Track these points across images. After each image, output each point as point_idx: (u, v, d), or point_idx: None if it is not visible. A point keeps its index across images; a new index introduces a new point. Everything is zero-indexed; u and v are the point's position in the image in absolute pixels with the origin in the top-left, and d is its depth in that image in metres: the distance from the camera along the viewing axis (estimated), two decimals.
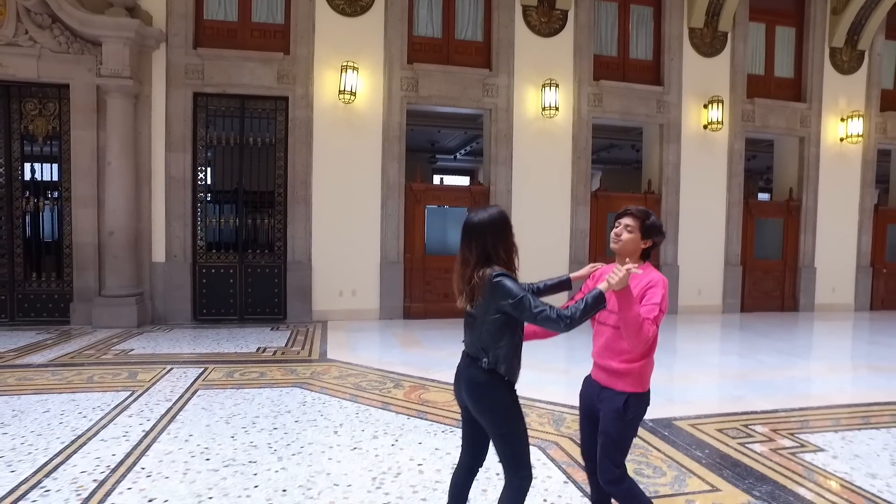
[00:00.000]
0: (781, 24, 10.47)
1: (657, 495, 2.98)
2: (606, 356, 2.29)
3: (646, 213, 2.31)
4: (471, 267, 2.13)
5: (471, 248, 2.14)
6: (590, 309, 2.04)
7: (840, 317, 10.12)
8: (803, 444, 3.80)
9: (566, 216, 9.38)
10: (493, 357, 2.11)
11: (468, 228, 2.18)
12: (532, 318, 2.03)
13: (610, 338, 2.28)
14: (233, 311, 8.16)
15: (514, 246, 2.18)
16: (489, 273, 2.07)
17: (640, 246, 2.30)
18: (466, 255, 2.16)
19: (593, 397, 2.34)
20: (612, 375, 2.27)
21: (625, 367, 2.23)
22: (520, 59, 8.96)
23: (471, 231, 2.16)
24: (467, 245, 2.16)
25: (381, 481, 3.10)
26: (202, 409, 4.23)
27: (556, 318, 1.99)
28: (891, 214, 11.23)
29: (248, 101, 8.07)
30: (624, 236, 2.31)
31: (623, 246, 2.31)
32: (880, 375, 5.97)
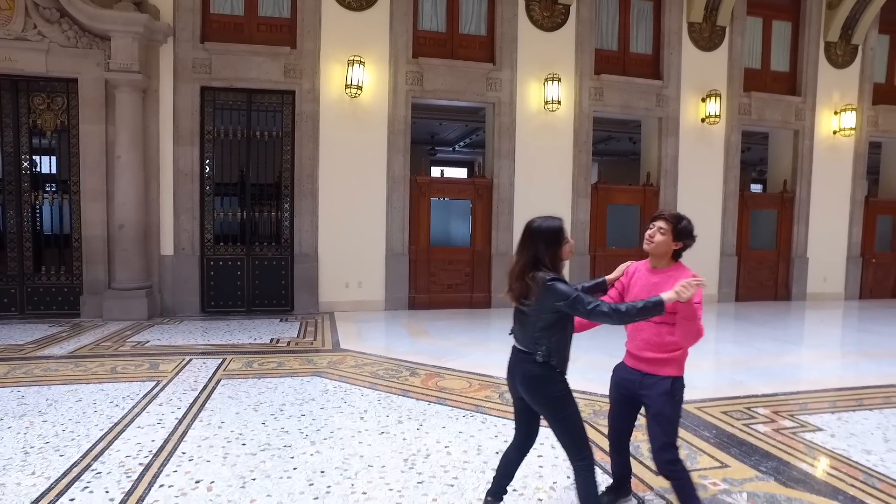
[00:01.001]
0: (778, 18, 10.65)
1: None
2: (648, 349, 2.50)
3: (678, 218, 2.52)
4: (520, 267, 2.36)
5: (525, 250, 2.38)
6: (646, 312, 2.24)
7: (831, 306, 10.41)
8: (803, 425, 4.03)
9: (567, 208, 9.55)
10: (546, 350, 2.33)
11: (528, 232, 2.42)
12: (586, 314, 2.25)
13: (654, 333, 2.49)
14: (240, 303, 8.29)
15: (561, 257, 2.39)
16: (542, 276, 2.29)
17: (672, 247, 2.52)
18: (521, 256, 2.39)
19: (634, 384, 2.54)
20: (656, 364, 2.48)
21: (668, 356, 2.46)
22: (523, 53, 9.09)
23: (529, 235, 2.40)
24: (524, 247, 2.40)
25: (412, 462, 3.29)
26: (228, 398, 4.39)
27: (608, 311, 2.22)
28: (880, 206, 11.51)
29: (255, 96, 8.16)
30: (657, 238, 2.51)
31: (656, 247, 2.52)
32: (871, 361, 6.23)
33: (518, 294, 2.35)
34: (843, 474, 3.24)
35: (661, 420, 2.47)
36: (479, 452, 3.45)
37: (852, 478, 3.20)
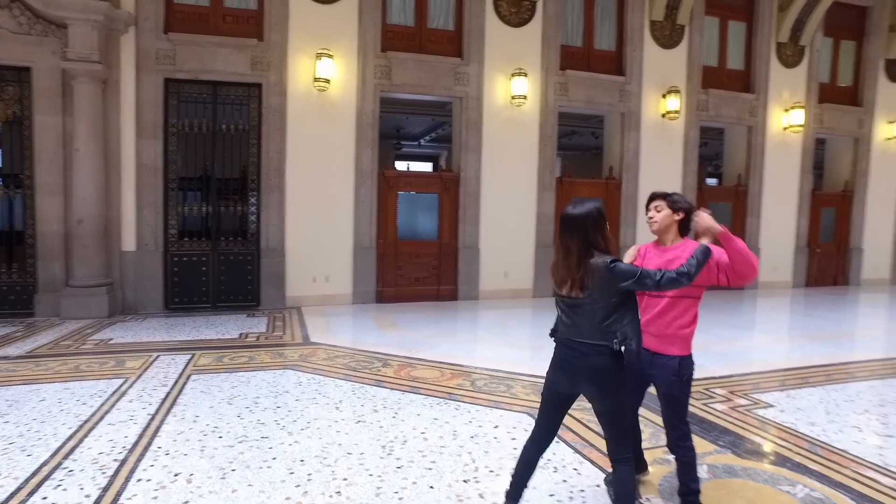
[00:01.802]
0: (734, 18, 11.06)
1: None
2: (656, 327, 2.61)
3: (667, 193, 2.70)
4: (575, 256, 2.28)
5: (573, 239, 2.29)
6: (702, 262, 2.34)
7: (780, 293, 10.94)
8: (756, 402, 4.29)
9: (532, 201, 9.74)
10: (621, 335, 2.24)
11: (570, 221, 2.32)
12: (656, 286, 2.26)
13: (665, 307, 2.61)
14: (205, 298, 8.16)
15: (609, 238, 2.35)
16: (602, 261, 2.23)
17: (674, 219, 2.66)
18: (570, 246, 2.30)
19: (643, 362, 2.65)
20: (665, 342, 2.61)
21: (675, 334, 2.59)
22: (490, 48, 9.20)
23: (572, 223, 2.31)
24: (570, 236, 2.30)
25: (390, 448, 3.37)
26: (201, 393, 4.37)
27: (676, 277, 2.26)
28: (825, 199, 12.11)
29: (221, 88, 8.02)
30: (657, 216, 2.67)
31: (660, 224, 2.67)
32: (816, 343, 6.63)
33: (580, 284, 2.25)
34: (791, 444, 3.49)
35: (671, 401, 2.64)
36: (455, 437, 3.55)
37: (798, 447, 3.45)
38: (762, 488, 2.92)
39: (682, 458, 2.66)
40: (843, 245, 12.27)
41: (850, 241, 12.27)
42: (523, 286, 9.73)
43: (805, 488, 2.91)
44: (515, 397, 4.38)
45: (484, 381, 4.76)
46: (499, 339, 6.71)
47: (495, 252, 9.49)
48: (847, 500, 2.81)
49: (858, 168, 12.18)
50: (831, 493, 2.86)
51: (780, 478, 3.03)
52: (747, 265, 2.52)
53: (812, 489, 2.90)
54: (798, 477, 3.04)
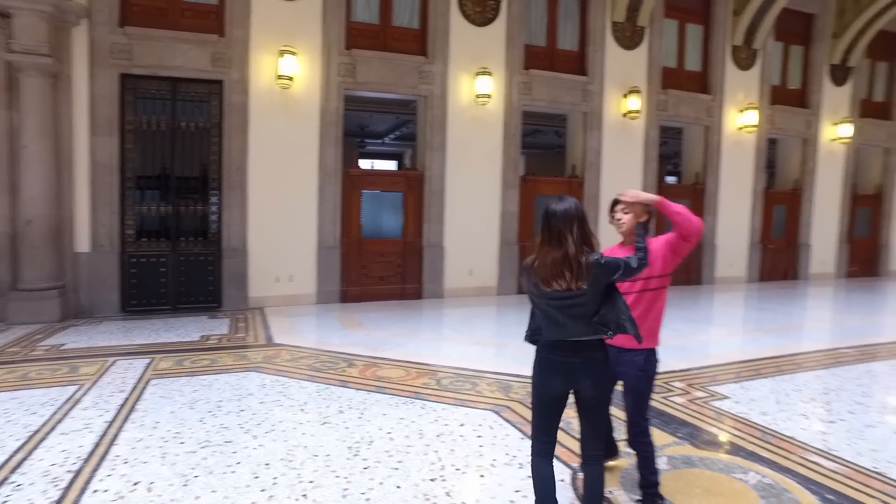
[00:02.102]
0: (692, 21, 11.38)
1: None
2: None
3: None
4: (574, 248, 2.23)
5: (569, 232, 2.25)
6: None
7: (735, 288, 11.32)
8: (713, 394, 4.45)
9: (497, 200, 9.82)
10: (616, 326, 2.28)
11: (565, 215, 2.28)
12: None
13: (632, 303, 2.67)
14: (165, 300, 7.95)
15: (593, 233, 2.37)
16: (595, 257, 2.25)
17: (641, 220, 2.76)
18: (563, 240, 2.24)
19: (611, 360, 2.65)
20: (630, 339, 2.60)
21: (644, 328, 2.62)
22: (455, 47, 9.22)
23: (566, 217, 2.27)
24: (564, 230, 2.25)
25: (356, 450, 3.36)
26: (161, 398, 4.27)
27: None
28: (777, 196, 12.60)
29: (181, 84, 7.80)
30: (625, 218, 2.76)
31: (628, 226, 2.76)
32: (768, 336, 6.91)
33: (578, 280, 2.22)
34: (744, 434, 3.64)
35: (635, 396, 2.72)
36: (421, 437, 3.57)
37: (751, 436, 3.60)
38: (717, 477, 3.03)
39: (642, 453, 2.75)
40: (792, 241, 12.79)
41: (800, 237, 12.79)
42: (488, 284, 9.81)
43: (757, 475, 3.04)
44: (481, 395, 4.42)
45: (450, 380, 4.79)
46: (464, 336, 6.75)
47: (460, 250, 9.54)
48: (794, 484, 2.95)
49: (806, 167, 12.71)
50: (779, 479, 3.00)
51: (735, 466, 3.15)
52: (689, 224, 2.62)
53: (763, 475, 3.04)
54: (750, 464, 3.17)
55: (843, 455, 3.34)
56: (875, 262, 14.03)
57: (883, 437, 3.64)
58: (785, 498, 2.81)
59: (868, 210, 13.87)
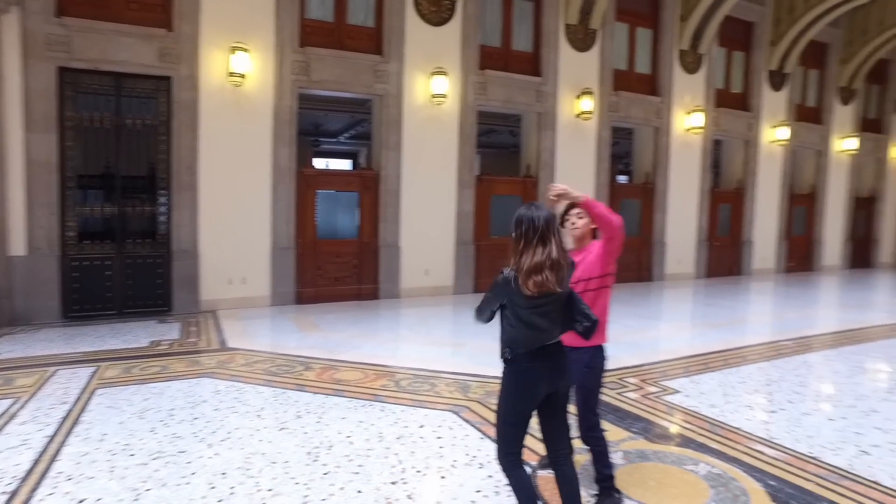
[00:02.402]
0: (641, 25, 11.71)
1: None
2: None
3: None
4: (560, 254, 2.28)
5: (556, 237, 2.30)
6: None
7: (684, 284, 11.74)
8: (665, 389, 4.60)
9: (453, 199, 9.86)
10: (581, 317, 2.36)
11: (547, 220, 2.31)
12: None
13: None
14: (111, 305, 7.63)
15: None
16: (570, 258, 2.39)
17: (591, 226, 2.86)
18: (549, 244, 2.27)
19: None
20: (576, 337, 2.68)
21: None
22: (410, 46, 9.20)
23: (552, 222, 2.33)
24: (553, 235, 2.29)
25: (316, 455, 3.32)
26: (108, 408, 4.09)
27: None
28: (722, 196, 13.14)
29: (126, 80, 7.47)
30: (580, 223, 2.85)
31: (582, 230, 2.86)
32: (714, 330, 7.21)
33: (561, 282, 2.27)
34: (695, 426, 3.79)
35: (584, 392, 2.82)
36: (381, 439, 3.56)
37: (701, 428, 3.75)
38: (670, 469, 3.14)
39: (595, 448, 2.83)
40: (736, 238, 13.37)
41: (743, 234, 13.38)
42: (444, 283, 9.84)
43: (707, 466, 3.17)
44: (439, 395, 4.44)
45: (408, 381, 4.79)
46: (421, 337, 6.75)
47: (416, 250, 9.53)
48: (740, 472, 3.09)
49: (748, 168, 13.30)
50: (727, 468, 3.14)
51: (686, 458, 3.28)
52: (609, 224, 2.69)
53: (712, 466, 3.17)
54: (700, 456, 3.30)
55: (784, 442, 3.52)
56: (810, 258, 14.83)
57: (817, 424, 3.85)
58: (732, 486, 2.94)
59: (803, 208, 14.66)
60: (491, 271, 10.22)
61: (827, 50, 14.56)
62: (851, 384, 4.88)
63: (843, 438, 3.62)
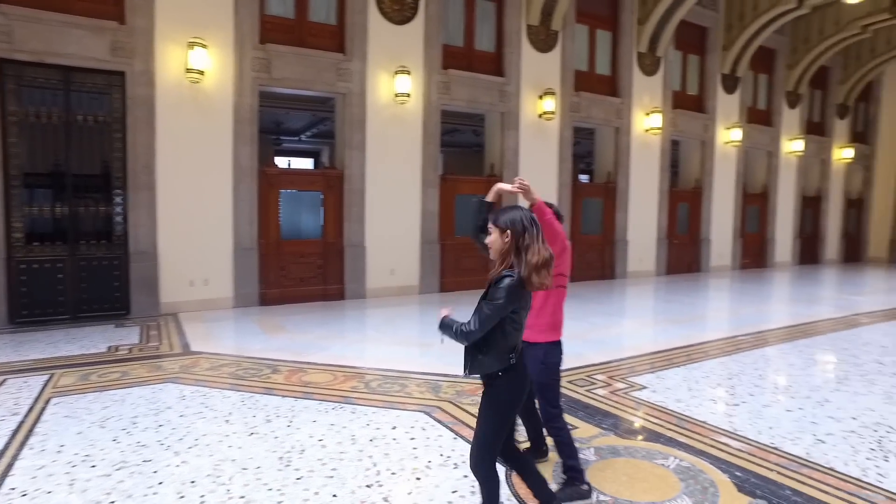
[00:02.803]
0: (601, 27, 11.93)
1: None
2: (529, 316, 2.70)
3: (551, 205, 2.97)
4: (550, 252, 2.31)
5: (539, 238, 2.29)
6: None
7: (645, 282, 12.05)
8: (632, 385, 4.70)
9: (417, 198, 9.84)
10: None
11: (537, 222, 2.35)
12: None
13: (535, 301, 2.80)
14: (63, 309, 7.30)
15: None
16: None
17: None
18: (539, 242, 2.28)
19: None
20: (533, 332, 2.82)
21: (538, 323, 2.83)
22: (373, 45, 9.12)
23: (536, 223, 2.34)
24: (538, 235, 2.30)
25: (288, 460, 3.25)
26: (65, 418, 3.91)
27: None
28: (679, 195, 13.53)
29: (75, 74, 7.15)
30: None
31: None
32: (676, 326, 7.41)
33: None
34: (663, 421, 3.88)
35: (540, 387, 2.90)
36: (354, 442, 3.51)
37: (668, 423, 3.85)
38: (640, 463, 3.21)
39: (557, 438, 2.90)
40: (695, 236, 13.79)
41: (701, 232, 13.82)
42: (409, 283, 9.82)
43: (676, 459, 3.26)
44: (410, 396, 4.42)
45: (378, 382, 4.75)
46: (388, 337, 6.71)
47: (381, 250, 9.47)
48: (708, 465, 3.18)
49: (705, 168, 13.74)
50: (695, 461, 3.23)
51: (656, 452, 3.36)
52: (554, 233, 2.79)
53: (681, 459, 3.26)
54: (669, 450, 3.39)
55: (747, 434, 3.65)
56: (763, 255, 15.44)
57: (777, 416, 4.01)
58: (701, 479, 3.02)
59: (756, 208, 15.24)
60: (456, 270, 10.26)
61: (775, 56, 15.18)
62: (805, 376, 5.10)
63: (801, 428, 3.77)
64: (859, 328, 7.25)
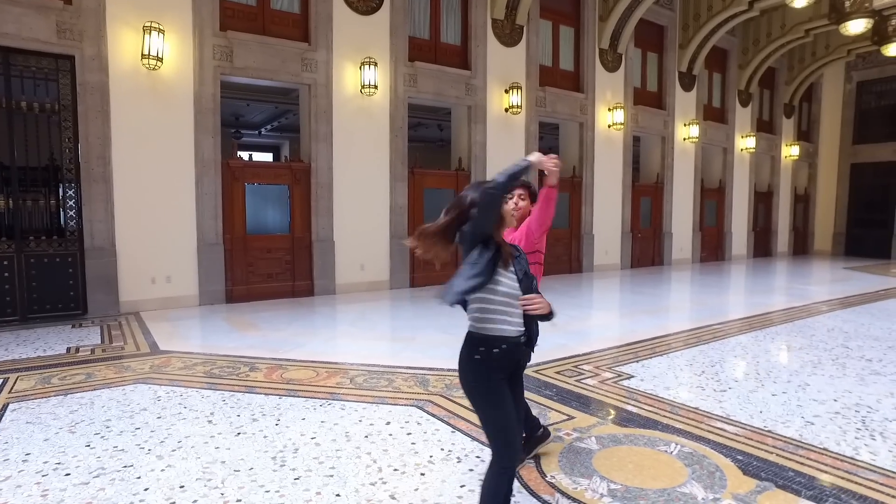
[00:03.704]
0: (564, 23, 12.02)
1: None
2: None
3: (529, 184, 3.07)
4: None
5: None
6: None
7: (611, 275, 12.24)
8: (619, 375, 4.71)
9: (386, 192, 9.67)
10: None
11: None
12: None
13: None
14: (11, 310, 6.80)
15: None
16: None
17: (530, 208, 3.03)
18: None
19: None
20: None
21: None
22: (339, 35, 8.89)
23: None
24: None
25: (282, 459, 3.08)
26: (27, 424, 3.60)
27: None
28: (642, 189, 13.82)
29: (16, 57, 6.61)
30: (521, 203, 3.02)
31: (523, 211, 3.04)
32: (652, 317, 7.53)
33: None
34: (657, 409, 3.89)
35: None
36: (349, 439, 3.37)
37: (662, 410, 3.86)
38: (644, 451, 3.20)
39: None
40: (657, 230, 14.12)
41: (663, 226, 14.16)
42: (380, 278, 9.65)
43: (677, 445, 3.26)
44: (399, 391, 4.29)
45: (363, 378, 4.60)
46: (366, 332, 6.56)
47: (350, 245, 9.26)
48: (709, 450, 3.19)
49: (666, 163, 14.09)
50: (697, 447, 3.24)
51: (656, 439, 3.35)
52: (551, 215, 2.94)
53: (682, 445, 3.26)
54: (669, 436, 3.39)
55: (740, 419, 3.69)
56: (721, 248, 15.97)
57: (764, 400, 4.09)
58: (706, 463, 3.03)
59: (713, 202, 15.74)
60: (427, 265, 10.12)
61: (727, 56, 15.71)
62: (782, 362, 5.24)
63: (789, 411, 3.86)
64: (821, 315, 7.54)
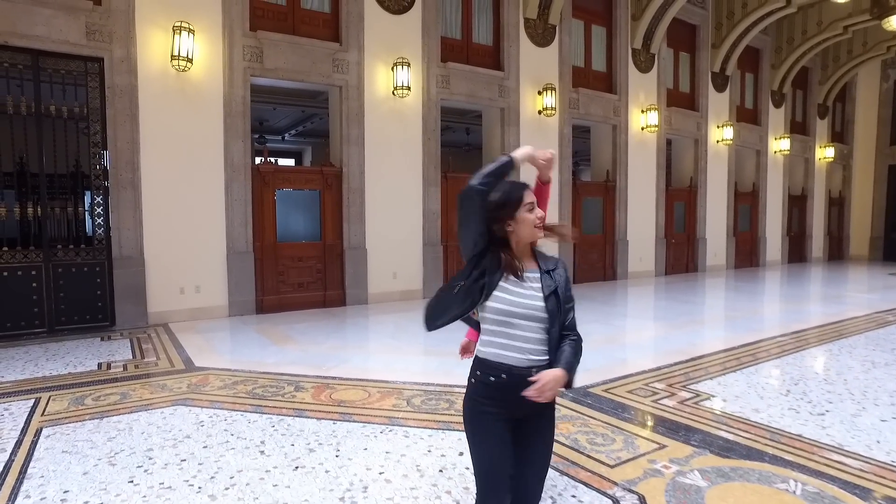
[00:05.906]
0: (596, 23, 11.66)
1: (620, 461, 3.09)
2: None
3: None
4: None
5: None
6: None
7: (647, 282, 11.79)
8: (697, 394, 4.30)
9: (419, 198, 9.37)
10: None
11: None
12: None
13: None
14: (38, 322, 6.55)
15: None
16: None
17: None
18: None
19: None
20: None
21: None
22: (370, 34, 8.60)
23: None
24: None
25: (351, 499, 2.72)
26: (64, 453, 3.28)
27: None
28: (676, 194, 13.37)
29: (46, 60, 6.41)
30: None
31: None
32: (707, 328, 7.17)
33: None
34: (754, 435, 3.47)
35: None
36: (422, 474, 3.00)
37: (761, 437, 3.44)
38: (762, 489, 2.79)
39: None
40: (691, 236, 13.66)
41: (697, 231, 13.69)
42: (413, 287, 9.31)
43: (798, 483, 2.84)
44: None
45: (420, 399, 4.24)
46: (410, 346, 6.21)
47: (383, 252, 8.94)
48: (839, 490, 2.78)
49: (699, 167, 13.63)
50: (821, 485, 2.83)
51: (771, 474, 2.94)
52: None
53: (804, 483, 2.85)
54: (783, 471, 2.98)
55: (856, 449, 3.26)
56: (755, 254, 15.45)
57: (875, 426, 3.63)
58: None
59: (747, 206, 15.24)
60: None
61: (760, 55, 15.24)
62: (873, 379, 4.73)
63: None
64: (891, 326, 7.06)
